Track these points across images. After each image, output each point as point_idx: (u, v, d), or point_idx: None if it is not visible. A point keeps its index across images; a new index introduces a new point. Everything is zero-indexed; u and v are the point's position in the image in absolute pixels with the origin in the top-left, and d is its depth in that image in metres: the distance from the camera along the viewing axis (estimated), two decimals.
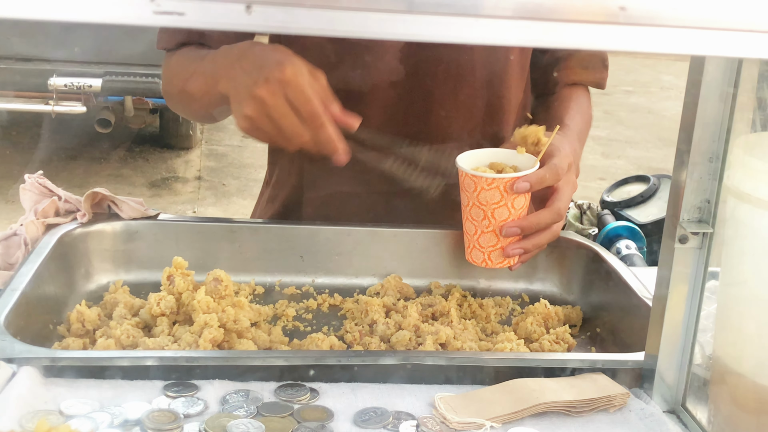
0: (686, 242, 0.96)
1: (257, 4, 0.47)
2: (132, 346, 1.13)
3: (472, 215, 1.25)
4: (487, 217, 1.24)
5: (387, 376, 1.02)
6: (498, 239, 1.25)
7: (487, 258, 1.28)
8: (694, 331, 1.00)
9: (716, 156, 0.94)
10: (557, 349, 1.21)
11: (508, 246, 1.26)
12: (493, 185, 1.21)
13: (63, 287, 1.28)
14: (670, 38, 0.49)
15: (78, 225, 1.34)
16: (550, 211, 1.26)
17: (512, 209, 1.23)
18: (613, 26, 0.48)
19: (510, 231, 1.24)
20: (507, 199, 1.22)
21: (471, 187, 1.23)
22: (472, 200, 1.24)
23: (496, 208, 1.23)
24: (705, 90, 0.92)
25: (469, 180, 1.23)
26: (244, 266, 1.39)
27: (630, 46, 0.50)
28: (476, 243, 1.27)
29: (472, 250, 1.29)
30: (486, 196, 1.22)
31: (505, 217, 1.24)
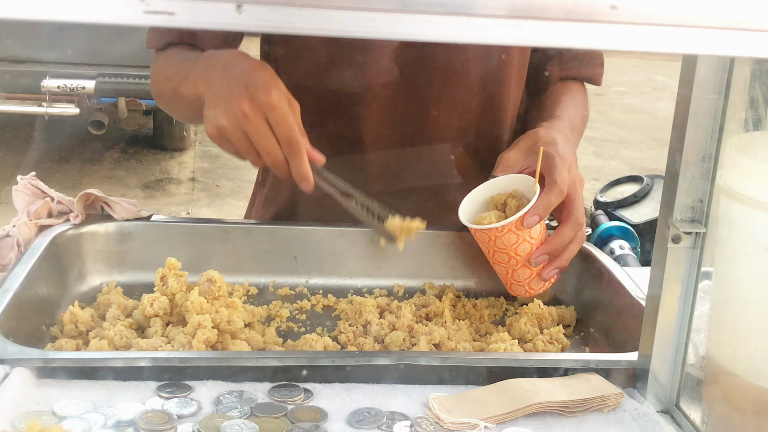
0: (679, 242, 0.96)
1: (248, 4, 0.47)
2: (125, 347, 1.13)
3: (497, 260, 1.27)
4: (511, 258, 1.25)
5: (381, 376, 1.02)
6: (531, 270, 1.26)
7: (528, 288, 1.29)
8: (688, 331, 1.00)
9: (709, 156, 0.94)
10: (551, 349, 1.21)
11: (542, 272, 1.26)
12: (505, 231, 1.22)
13: (56, 288, 1.27)
14: (661, 37, 0.49)
15: (71, 226, 1.33)
16: (569, 225, 1.26)
17: (532, 240, 1.24)
18: (605, 25, 0.48)
19: (539, 260, 1.25)
20: (523, 235, 1.23)
21: (485, 240, 1.25)
22: (491, 249, 1.25)
23: (516, 247, 1.24)
24: (697, 90, 0.92)
25: (481, 234, 1.25)
26: (237, 267, 1.38)
27: (621, 45, 0.50)
28: (512, 280, 1.29)
29: (511, 286, 1.30)
30: (503, 242, 1.23)
31: (529, 250, 1.24)
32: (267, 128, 1.13)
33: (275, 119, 1.13)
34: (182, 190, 5.25)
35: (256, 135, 1.14)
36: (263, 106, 1.12)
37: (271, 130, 1.14)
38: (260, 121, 1.13)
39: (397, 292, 1.40)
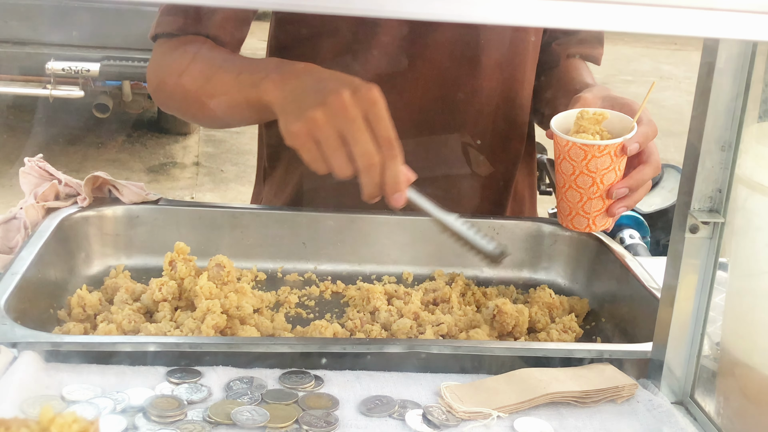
0: (697, 232, 0.95)
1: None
2: (133, 331, 1.12)
3: (577, 183, 1.24)
4: (595, 183, 1.23)
5: (392, 364, 1.01)
6: (604, 203, 1.25)
7: (591, 222, 1.28)
8: (704, 322, 0.99)
9: (728, 144, 0.93)
10: (565, 338, 1.20)
11: (612, 206, 1.26)
12: (605, 151, 1.21)
13: (63, 271, 1.26)
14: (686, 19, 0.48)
15: (78, 209, 1.32)
16: (650, 165, 1.26)
17: (618, 171, 1.24)
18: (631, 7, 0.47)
19: (620, 192, 1.24)
20: (615, 163, 1.22)
21: (579, 156, 1.22)
22: (579, 169, 1.23)
23: (605, 173, 1.22)
24: (718, 77, 0.91)
25: (578, 149, 1.22)
26: (245, 252, 1.37)
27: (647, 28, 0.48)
28: (581, 210, 1.27)
29: (574, 217, 1.28)
30: (596, 163, 1.22)
31: (612, 181, 1.24)
32: (365, 125, 1.00)
33: (376, 115, 1.00)
34: (186, 175, 5.23)
35: (355, 131, 1.00)
36: (365, 100, 1.00)
37: (368, 129, 1.01)
38: (359, 115, 1.00)
39: (406, 279, 1.39)
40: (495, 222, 1.42)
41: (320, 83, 1.05)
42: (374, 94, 1.01)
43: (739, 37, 0.50)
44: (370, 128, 1.00)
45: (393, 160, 1.01)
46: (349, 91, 1.00)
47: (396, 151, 1.02)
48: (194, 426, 0.87)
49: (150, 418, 0.88)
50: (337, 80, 1.04)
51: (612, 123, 1.25)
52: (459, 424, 0.92)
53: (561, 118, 1.27)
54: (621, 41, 9.56)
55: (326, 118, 1.00)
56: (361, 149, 1.00)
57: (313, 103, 1.01)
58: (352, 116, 1.00)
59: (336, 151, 1.01)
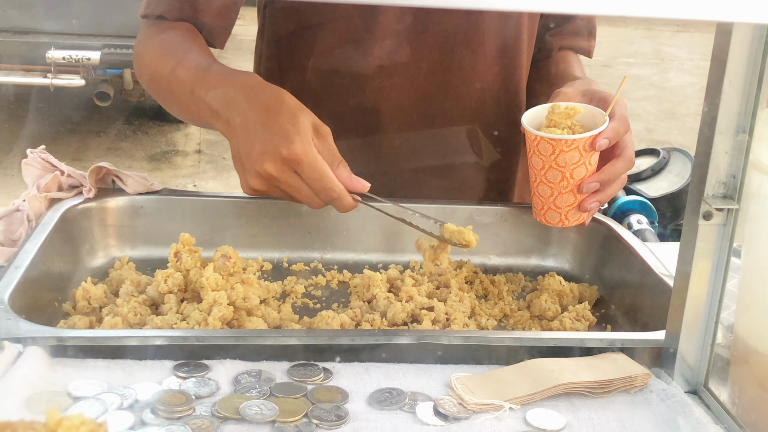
0: (710, 218, 0.93)
1: None
2: (139, 324, 1.10)
3: (547, 178, 1.23)
4: (565, 178, 1.21)
5: (402, 355, 1.00)
6: (575, 198, 1.23)
7: (563, 217, 1.26)
8: (717, 310, 0.98)
9: (742, 129, 0.91)
10: (578, 326, 1.19)
11: (584, 201, 1.24)
12: (573, 146, 1.19)
13: (68, 264, 1.25)
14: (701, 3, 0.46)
15: (82, 200, 1.31)
16: (623, 159, 1.24)
17: (589, 166, 1.21)
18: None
19: (590, 187, 1.22)
20: (585, 158, 1.20)
21: (548, 151, 1.20)
22: (548, 163, 1.21)
23: (575, 168, 1.20)
24: (731, 62, 0.89)
25: (546, 144, 1.20)
26: (251, 242, 1.36)
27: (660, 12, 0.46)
28: (552, 204, 1.25)
29: (546, 212, 1.26)
30: (565, 158, 1.20)
31: (583, 175, 1.22)
32: (299, 181, 1.11)
33: (304, 173, 1.10)
34: (188, 163, 5.22)
35: (291, 191, 1.12)
36: (288, 162, 1.09)
37: (304, 182, 1.11)
38: (290, 176, 1.11)
39: (413, 267, 1.38)
40: (501, 209, 1.40)
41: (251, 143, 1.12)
42: (296, 152, 1.09)
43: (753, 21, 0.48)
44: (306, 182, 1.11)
45: (334, 200, 1.14)
46: (270, 159, 1.09)
47: (333, 193, 1.12)
48: (202, 421, 0.86)
49: (158, 413, 0.87)
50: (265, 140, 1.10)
51: (585, 117, 1.23)
52: (470, 417, 0.91)
53: (533, 113, 1.26)
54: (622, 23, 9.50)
55: (265, 186, 1.13)
56: (305, 201, 1.14)
57: (251, 172, 1.12)
58: (284, 181, 1.11)
59: (289, 198, 1.15)
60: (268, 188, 1.13)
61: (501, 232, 1.40)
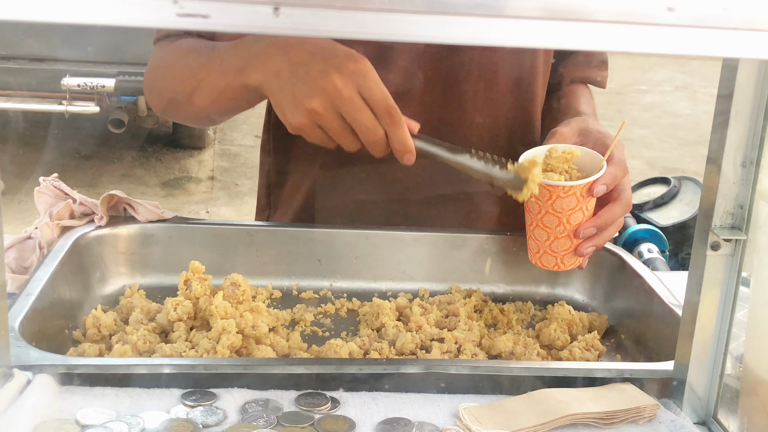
0: (718, 249, 0.93)
1: (286, 6, 0.45)
2: (149, 352, 1.11)
3: (544, 223, 1.22)
4: (561, 223, 1.21)
5: (409, 385, 1.00)
6: (571, 242, 1.23)
7: (559, 262, 1.25)
8: (726, 341, 0.97)
9: (750, 161, 0.91)
10: (588, 356, 1.18)
11: (580, 246, 1.23)
12: (570, 192, 1.18)
13: (78, 291, 1.26)
14: (720, 41, 0.47)
15: (93, 228, 1.32)
16: (620, 203, 1.23)
17: (586, 211, 1.21)
18: (661, 28, 0.46)
19: (587, 233, 1.21)
20: (582, 203, 1.20)
21: (545, 196, 1.20)
22: (545, 208, 1.21)
23: (571, 214, 1.20)
24: (738, 92, 0.89)
25: (543, 190, 1.19)
26: (261, 270, 1.36)
27: (678, 49, 0.47)
28: (548, 249, 1.24)
29: (542, 256, 1.26)
30: (562, 204, 1.19)
31: (579, 221, 1.21)
32: (362, 101, 1.04)
33: (369, 87, 1.03)
34: (201, 189, 5.24)
35: (353, 110, 1.04)
36: (354, 75, 1.02)
37: (365, 103, 1.04)
38: (354, 93, 1.03)
39: (422, 295, 1.38)
40: (511, 237, 1.40)
41: (306, 64, 1.04)
42: (362, 64, 1.03)
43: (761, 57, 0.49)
44: (367, 101, 1.03)
45: (394, 126, 1.06)
46: (336, 71, 1.02)
47: (395, 117, 1.05)
48: None
49: None
50: (321, 58, 1.04)
51: (583, 160, 1.23)
52: None
53: (531, 155, 1.25)
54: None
55: (323, 106, 1.03)
56: (363, 127, 1.04)
57: (307, 92, 1.03)
58: (347, 97, 1.02)
59: (340, 134, 1.06)
60: (326, 112, 1.04)
61: (510, 260, 1.40)
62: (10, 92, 4.70)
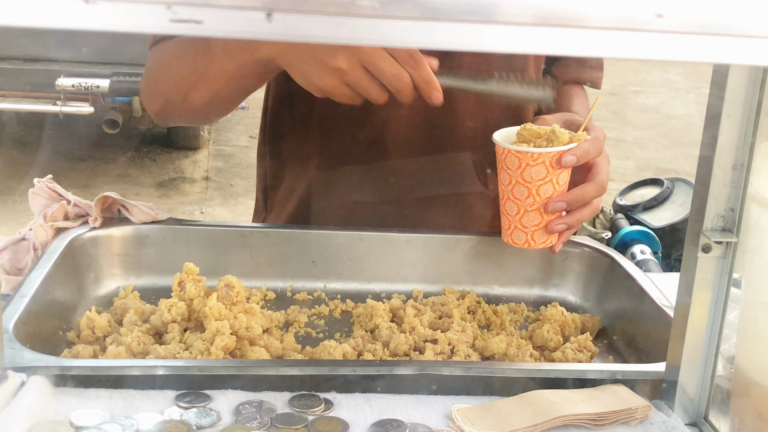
0: (709, 251, 0.94)
1: (279, 12, 0.45)
2: (143, 353, 1.11)
3: (514, 194, 1.22)
4: (531, 195, 1.20)
5: (403, 386, 1.00)
6: (542, 217, 1.22)
7: (530, 238, 1.24)
8: (717, 342, 0.98)
9: (740, 164, 0.92)
10: (581, 357, 1.19)
11: (551, 222, 1.22)
12: (539, 160, 1.18)
13: (72, 292, 1.26)
14: (711, 47, 0.47)
15: (87, 229, 1.32)
16: (594, 184, 1.23)
17: (557, 185, 1.20)
18: (650, 34, 0.46)
19: (556, 206, 1.20)
20: (552, 175, 1.19)
21: (515, 164, 1.19)
22: (515, 178, 1.20)
23: (541, 185, 1.20)
24: (729, 95, 0.90)
25: (513, 157, 1.19)
26: (255, 271, 1.37)
27: (668, 55, 0.47)
28: (518, 223, 1.24)
29: (513, 231, 1.25)
30: (531, 173, 1.19)
31: (550, 194, 1.20)
32: (383, 50, 1.07)
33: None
34: (196, 189, 5.24)
35: (377, 60, 1.06)
36: None
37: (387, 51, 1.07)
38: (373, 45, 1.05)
39: (416, 296, 1.38)
40: None
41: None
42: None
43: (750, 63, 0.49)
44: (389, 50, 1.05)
45: (418, 68, 1.08)
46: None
47: (418, 58, 1.07)
48: None
49: None
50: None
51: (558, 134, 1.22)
52: None
53: (506, 132, 1.25)
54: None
55: (348, 63, 1.05)
56: (389, 75, 1.07)
57: (329, 53, 1.05)
58: (368, 49, 1.04)
59: (368, 87, 1.08)
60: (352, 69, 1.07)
61: (504, 262, 1.41)
62: (5, 93, 4.70)
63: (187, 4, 0.45)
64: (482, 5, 0.45)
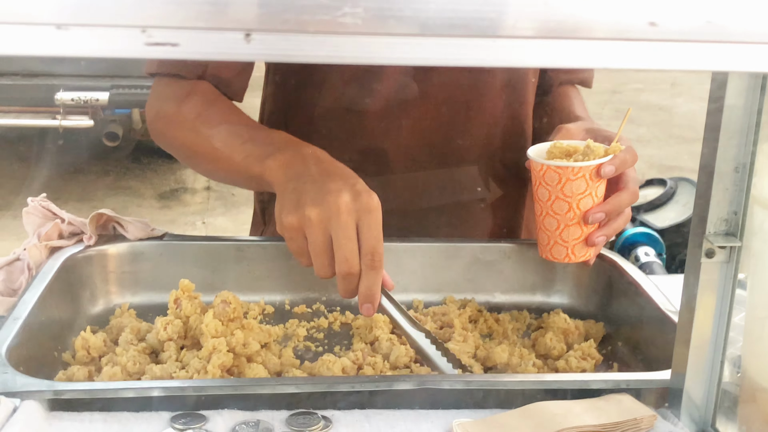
0: (713, 256, 0.92)
1: (257, 32, 0.44)
2: (139, 373, 1.09)
3: (554, 209, 1.21)
4: (572, 209, 1.20)
5: (402, 401, 0.98)
6: (582, 231, 1.22)
7: (570, 252, 1.24)
8: (723, 348, 0.96)
9: (743, 166, 0.90)
10: (585, 365, 1.17)
11: (591, 234, 1.22)
12: (580, 174, 1.18)
13: (68, 312, 1.25)
14: (704, 54, 0.45)
15: (82, 248, 1.31)
16: (627, 191, 1.23)
17: (595, 197, 1.20)
18: (643, 43, 0.44)
19: (596, 218, 1.20)
20: (591, 188, 1.19)
21: (554, 180, 1.19)
22: (555, 194, 1.20)
23: (581, 198, 1.19)
24: (730, 97, 0.88)
25: (552, 173, 1.19)
26: (252, 285, 1.35)
27: (662, 64, 0.46)
28: (558, 238, 1.23)
29: (553, 247, 1.25)
30: (572, 187, 1.19)
31: (589, 207, 1.20)
32: (354, 232, 1.04)
33: (368, 224, 1.04)
34: (197, 200, 5.23)
35: (342, 238, 1.04)
36: (362, 208, 1.04)
37: (357, 236, 1.05)
38: (351, 222, 1.04)
39: (417, 306, 1.36)
40: (505, 246, 1.39)
41: (324, 178, 1.07)
42: (373, 202, 1.05)
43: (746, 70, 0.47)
44: (359, 236, 1.04)
45: (371, 272, 1.05)
46: (349, 196, 1.04)
47: (377, 264, 1.05)
48: None
49: None
50: (341, 179, 1.07)
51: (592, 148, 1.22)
52: None
53: (537, 149, 1.25)
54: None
55: (319, 219, 1.04)
56: (343, 256, 1.04)
57: (312, 200, 1.05)
58: (344, 222, 1.03)
59: (320, 254, 1.06)
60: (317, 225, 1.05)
61: (505, 269, 1.39)
62: (4, 108, 4.70)
63: (162, 26, 0.43)
64: (469, 19, 0.43)
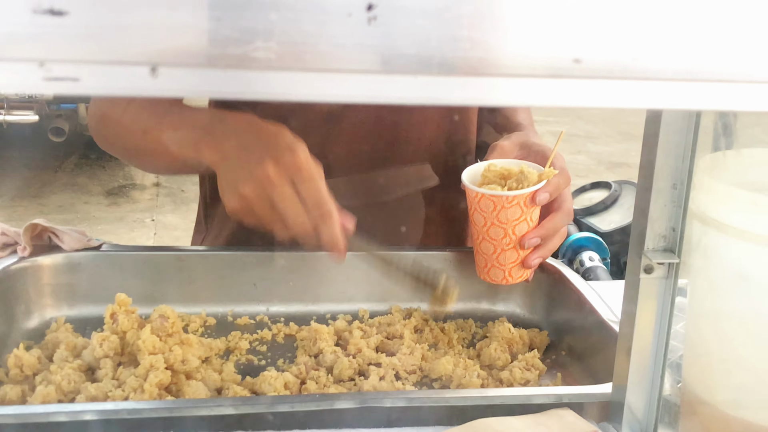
0: (652, 272, 0.92)
1: (164, 66, 0.42)
2: (74, 392, 1.06)
3: (490, 235, 1.21)
4: (507, 235, 1.20)
5: (344, 420, 0.97)
6: (518, 254, 1.23)
7: (507, 275, 1.25)
8: (663, 361, 0.96)
9: (680, 182, 0.89)
10: (528, 376, 1.16)
11: (527, 257, 1.23)
12: (515, 202, 1.18)
13: (2, 327, 1.21)
14: (629, 91, 0.44)
15: (16, 260, 1.27)
16: (562, 212, 1.23)
17: (530, 222, 1.21)
18: (568, 80, 0.43)
19: (532, 242, 1.21)
20: (526, 213, 1.19)
21: (489, 207, 1.19)
22: (490, 220, 1.20)
23: (516, 225, 1.20)
24: (667, 114, 0.88)
25: (487, 201, 1.19)
26: (193, 297, 1.32)
27: (586, 101, 0.44)
28: (495, 262, 1.24)
29: (490, 269, 1.25)
30: (506, 215, 1.19)
31: (525, 231, 1.21)
32: (293, 193, 1.04)
33: (302, 180, 1.04)
34: (146, 196, 5.16)
35: (282, 201, 1.04)
36: (289, 167, 1.04)
37: (297, 195, 1.05)
38: (286, 185, 1.04)
39: (362, 316, 1.35)
40: (449, 254, 1.38)
41: (252, 149, 1.06)
42: (299, 158, 1.04)
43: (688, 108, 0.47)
44: (299, 194, 1.04)
45: (325, 221, 1.06)
46: (272, 161, 1.03)
47: (327, 211, 1.05)
48: None
49: None
50: (264, 145, 1.05)
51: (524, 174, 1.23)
52: None
53: (472, 170, 1.25)
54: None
55: (255, 193, 1.04)
56: (292, 218, 1.05)
57: (243, 178, 1.05)
58: (279, 190, 1.03)
59: (273, 222, 1.06)
60: (257, 200, 1.05)
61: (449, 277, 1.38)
62: None
63: (61, 60, 0.41)
64: (382, 55, 0.42)
